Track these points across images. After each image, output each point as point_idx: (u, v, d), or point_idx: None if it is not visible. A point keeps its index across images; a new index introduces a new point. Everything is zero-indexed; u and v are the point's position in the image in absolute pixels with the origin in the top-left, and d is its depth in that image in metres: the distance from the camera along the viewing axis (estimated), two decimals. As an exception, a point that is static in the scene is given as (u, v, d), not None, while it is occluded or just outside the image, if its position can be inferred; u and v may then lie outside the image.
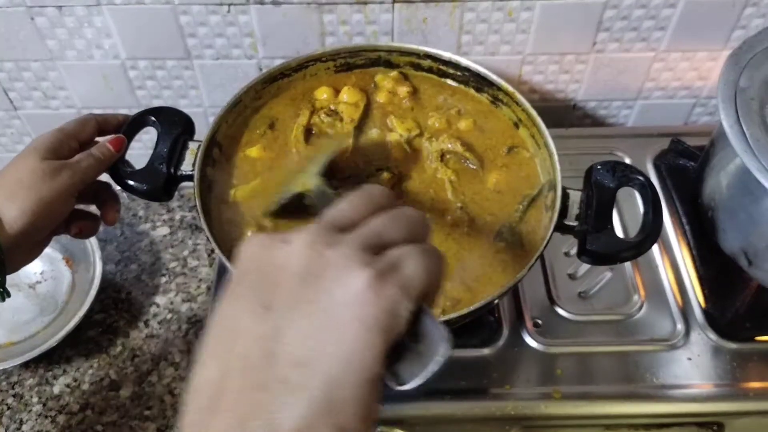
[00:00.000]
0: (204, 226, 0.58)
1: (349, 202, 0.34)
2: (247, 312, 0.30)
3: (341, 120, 0.69)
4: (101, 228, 0.90)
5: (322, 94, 0.71)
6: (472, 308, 0.55)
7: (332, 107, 0.70)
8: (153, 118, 0.64)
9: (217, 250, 0.57)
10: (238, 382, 0.29)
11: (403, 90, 0.71)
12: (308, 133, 0.69)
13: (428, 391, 0.65)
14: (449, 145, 0.67)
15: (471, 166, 0.67)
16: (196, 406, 0.30)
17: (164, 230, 0.92)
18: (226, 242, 0.61)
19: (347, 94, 0.71)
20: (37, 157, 0.57)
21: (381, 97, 0.71)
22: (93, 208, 0.67)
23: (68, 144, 0.60)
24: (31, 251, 0.60)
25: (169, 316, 0.84)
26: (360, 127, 0.69)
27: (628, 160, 0.82)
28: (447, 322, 0.54)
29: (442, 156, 0.67)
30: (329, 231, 0.31)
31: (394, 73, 0.73)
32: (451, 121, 0.70)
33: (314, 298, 0.29)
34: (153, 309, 0.85)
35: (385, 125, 0.70)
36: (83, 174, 0.58)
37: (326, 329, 0.28)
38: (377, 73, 0.73)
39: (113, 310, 0.85)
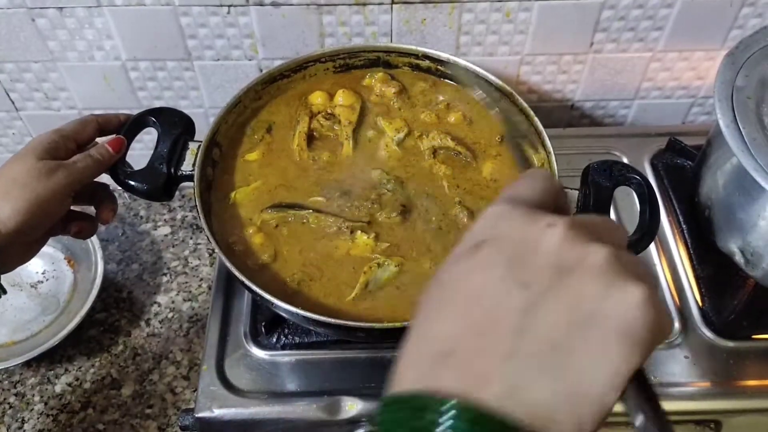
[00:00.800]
0: (204, 225, 0.59)
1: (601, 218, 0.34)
2: (499, 281, 0.30)
3: (339, 123, 0.70)
4: (102, 228, 0.92)
5: (317, 98, 0.71)
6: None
7: (329, 111, 0.71)
8: (153, 119, 0.65)
9: (217, 250, 0.57)
10: (481, 345, 0.29)
11: (390, 90, 0.72)
12: (309, 137, 0.69)
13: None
14: (439, 141, 0.68)
15: (464, 159, 0.68)
16: (424, 353, 0.30)
17: (165, 230, 0.93)
18: (226, 242, 0.62)
19: (342, 97, 0.71)
20: (33, 157, 0.57)
21: (372, 99, 0.72)
22: (92, 210, 0.67)
23: (65, 145, 0.60)
24: (26, 251, 0.61)
25: (170, 315, 0.85)
26: (357, 129, 0.70)
27: (625, 160, 0.82)
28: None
29: (435, 152, 0.68)
30: (590, 231, 0.31)
31: (379, 74, 0.73)
32: (440, 116, 0.71)
33: (579, 294, 0.29)
34: (154, 308, 0.85)
35: (376, 126, 0.70)
36: (80, 174, 0.59)
37: (589, 326, 0.28)
38: (365, 76, 0.73)
39: (115, 309, 0.85)
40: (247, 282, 0.56)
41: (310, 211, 0.63)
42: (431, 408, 0.28)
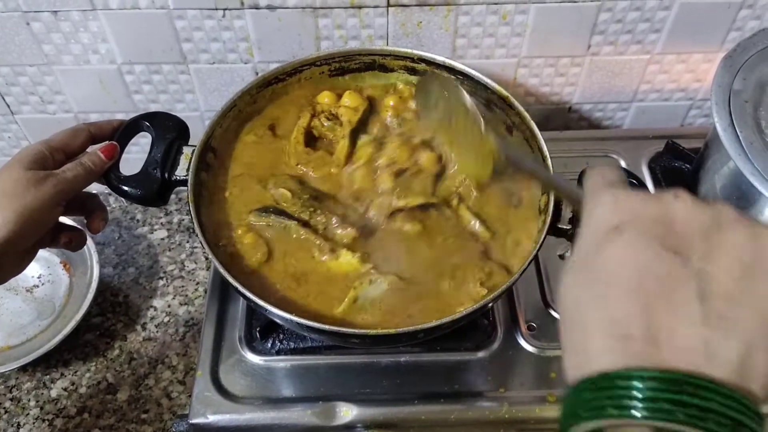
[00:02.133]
0: (198, 230, 0.59)
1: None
2: (656, 255, 0.32)
3: (341, 124, 0.69)
4: (99, 233, 0.92)
5: (324, 98, 0.71)
6: (465, 312, 0.55)
7: (333, 111, 0.70)
8: (147, 123, 0.65)
9: (210, 256, 0.57)
10: (674, 319, 0.30)
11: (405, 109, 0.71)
12: (308, 136, 0.69)
13: (422, 394, 0.65)
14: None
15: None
16: (602, 339, 0.31)
17: (162, 233, 0.93)
18: (220, 246, 0.61)
19: (349, 99, 0.71)
20: (21, 167, 0.57)
21: (385, 111, 0.71)
22: (82, 221, 0.67)
23: (53, 156, 0.60)
24: (18, 262, 0.61)
25: (166, 319, 0.84)
26: (357, 131, 0.69)
27: (623, 163, 0.82)
28: (440, 327, 0.55)
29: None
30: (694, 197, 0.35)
31: (401, 88, 0.72)
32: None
33: (734, 245, 0.32)
34: (150, 312, 0.85)
35: (383, 128, 0.70)
36: (71, 183, 0.59)
37: (753, 271, 0.31)
38: (385, 93, 0.73)
39: (111, 313, 0.85)
40: (241, 288, 0.55)
41: (294, 222, 0.62)
42: (633, 379, 0.29)
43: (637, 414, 0.28)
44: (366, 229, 0.62)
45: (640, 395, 0.29)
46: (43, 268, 0.86)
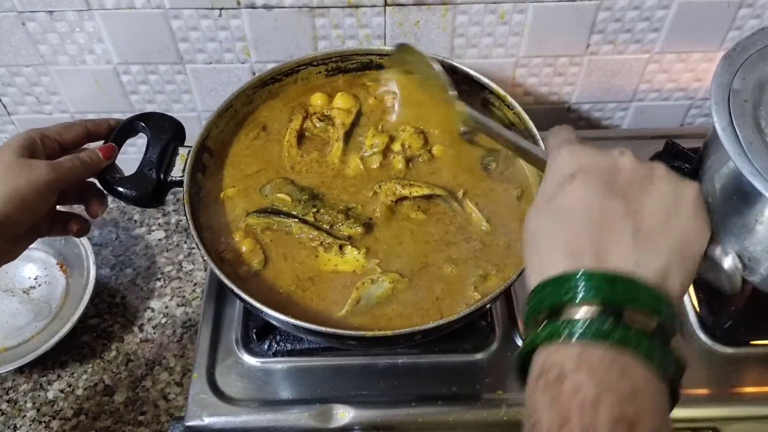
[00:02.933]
0: (193, 232, 0.58)
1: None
2: (603, 196, 0.42)
3: (333, 125, 0.69)
4: (96, 233, 0.91)
5: (317, 99, 0.71)
6: (462, 314, 0.54)
7: (325, 113, 0.70)
8: (143, 124, 0.64)
9: (206, 257, 0.57)
10: (607, 241, 0.40)
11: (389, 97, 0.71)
12: (301, 137, 0.69)
13: (420, 397, 0.64)
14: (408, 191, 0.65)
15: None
16: (556, 253, 0.41)
17: (159, 234, 0.92)
18: (216, 249, 0.61)
19: (341, 100, 0.71)
20: (10, 152, 0.57)
21: (370, 103, 0.71)
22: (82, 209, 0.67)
23: (44, 142, 0.59)
24: (11, 248, 0.60)
25: (163, 320, 0.84)
26: (350, 132, 0.69)
27: (622, 163, 0.82)
28: (438, 328, 0.54)
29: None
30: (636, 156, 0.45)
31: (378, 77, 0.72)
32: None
33: (661, 193, 0.43)
34: (148, 313, 0.84)
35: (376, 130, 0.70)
36: (65, 172, 0.58)
37: (674, 212, 0.42)
38: (367, 78, 0.73)
39: (108, 314, 0.85)
40: (236, 290, 0.55)
41: (296, 220, 0.62)
42: (582, 277, 0.39)
43: (588, 298, 0.38)
44: (370, 223, 0.62)
45: (585, 286, 0.38)
46: (39, 269, 0.86)
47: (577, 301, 0.38)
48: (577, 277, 0.39)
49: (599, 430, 0.35)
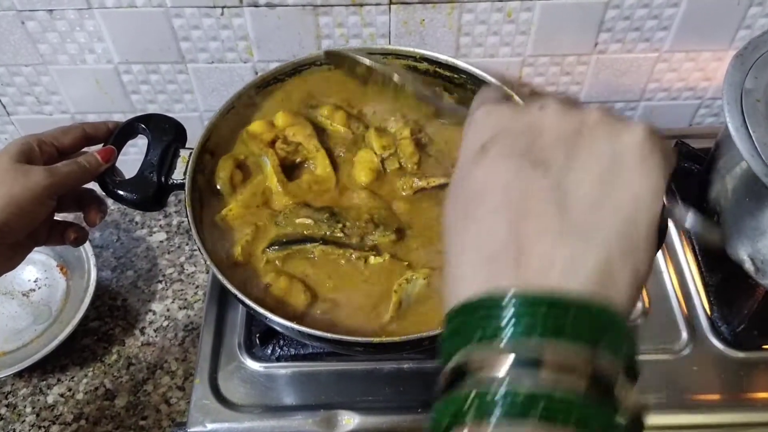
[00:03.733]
0: (195, 235, 0.57)
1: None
2: (519, 169, 0.31)
3: (300, 143, 0.66)
4: (97, 235, 0.90)
5: (257, 127, 0.66)
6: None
7: (280, 137, 0.66)
8: (143, 126, 0.63)
9: (208, 261, 0.56)
10: (528, 234, 0.29)
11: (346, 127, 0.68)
12: (285, 169, 0.65)
13: (425, 403, 0.63)
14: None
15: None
16: (472, 262, 0.30)
17: (161, 236, 0.91)
18: (219, 251, 0.60)
19: (281, 120, 0.66)
20: (7, 158, 0.56)
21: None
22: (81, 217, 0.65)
23: (41, 148, 0.58)
24: (9, 255, 0.59)
25: (165, 323, 0.83)
26: (323, 142, 0.67)
27: (631, 163, 0.80)
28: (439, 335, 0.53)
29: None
30: (570, 101, 0.34)
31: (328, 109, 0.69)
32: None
33: (593, 149, 0.31)
34: (149, 316, 0.83)
35: (353, 144, 0.67)
36: (63, 178, 0.57)
37: (613, 174, 0.30)
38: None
39: (109, 317, 0.84)
40: (240, 296, 0.54)
41: (317, 244, 0.59)
42: (493, 305, 0.28)
43: (502, 339, 0.27)
44: (401, 228, 0.61)
45: (494, 320, 0.28)
46: (39, 271, 0.85)
47: (484, 351, 0.28)
48: (486, 304, 0.28)
49: None
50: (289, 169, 0.65)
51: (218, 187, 0.63)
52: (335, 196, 0.64)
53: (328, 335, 0.52)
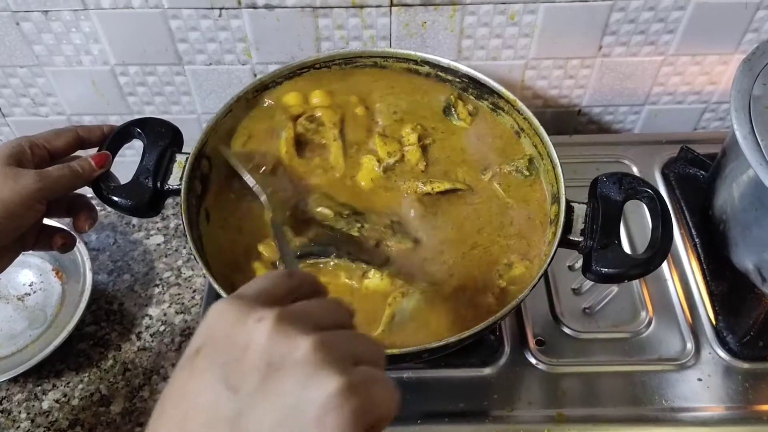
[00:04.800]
0: (191, 244, 0.56)
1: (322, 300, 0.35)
2: (210, 389, 0.30)
3: (323, 125, 0.66)
4: (94, 237, 0.89)
5: (293, 99, 0.67)
6: (471, 332, 0.52)
7: (311, 114, 0.66)
8: (138, 130, 0.62)
9: (204, 270, 0.54)
10: None
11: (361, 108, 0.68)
12: (298, 144, 0.66)
13: (426, 414, 0.62)
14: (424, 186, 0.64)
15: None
16: None
17: (158, 239, 0.90)
18: (216, 259, 0.59)
19: (319, 97, 0.67)
20: None
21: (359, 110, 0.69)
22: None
23: (33, 150, 0.57)
24: None
25: (162, 328, 0.82)
26: (343, 133, 0.66)
27: (635, 168, 0.79)
28: (446, 346, 0.52)
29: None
30: (304, 319, 0.31)
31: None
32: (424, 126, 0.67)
33: (282, 390, 0.29)
34: (146, 321, 0.82)
35: (365, 131, 0.67)
36: (53, 182, 0.56)
37: (291, 424, 0.28)
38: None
39: (105, 322, 0.82)
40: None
41: (332, 257, 0.59)
42: None
43: None
44: (418, 238, 0.61)
45: None
46: (35, 275, 0.84)
47: None
48: None
49: None
50: (302, 148, 0.66)
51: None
52: (344, 188, 0.63)
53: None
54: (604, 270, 0.55)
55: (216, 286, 0.54)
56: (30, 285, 0.83)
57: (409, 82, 0.70)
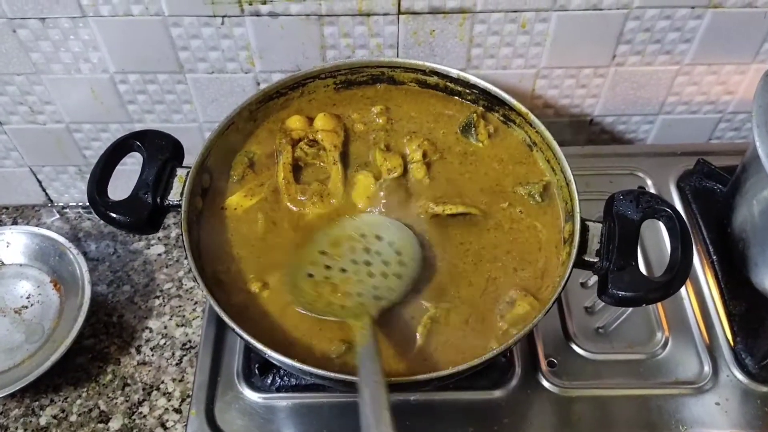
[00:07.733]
0: (191, 262, 0.54)
1: None
2: None
3: (324, 149, 0.64)
4: (93, 247, 0.87)
5: (295, 122, 0.66)
6: (483, 358, 0.50)
7: (311, 137, 0.64)
8: (138, 143, 0.60)
9: (201, 286, 0.52)
10: None
11: (375, 115, 0.67)
12: (296, 168, 0.64)
13: (434, 438, 0.60)
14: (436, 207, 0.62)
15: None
16: None
17: (159, 249, 0.88)
18: (216, 277, 0.57)
19: (322, 122, 0.65)
20: None
21: (358, 126, 0.67)
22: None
23: None
24: None
25: (162, 341, 0.80)
26: (345, 155, 0.64)
27: (649, 182, 0.77)
28: (457, 374, 0.50)
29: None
30: None
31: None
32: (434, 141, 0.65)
33: None
34: (146, 334, 0.81)
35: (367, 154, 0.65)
36: None
37: None
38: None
39: (104, 335, 0.81)
40: (237, 330, 0.51)
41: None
42: None
43: None
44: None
45: None
46: (32, 286, 0.82)
47: None
48: None
49: None
50: (300, 172, 0.64)
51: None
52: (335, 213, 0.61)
53: (331, 374, 0.49)
54: (621, 293, 0.52)
55: (219, 311, 0.51)
56: (27, 297, 0.81)
57: (422, 98, 0.69)
